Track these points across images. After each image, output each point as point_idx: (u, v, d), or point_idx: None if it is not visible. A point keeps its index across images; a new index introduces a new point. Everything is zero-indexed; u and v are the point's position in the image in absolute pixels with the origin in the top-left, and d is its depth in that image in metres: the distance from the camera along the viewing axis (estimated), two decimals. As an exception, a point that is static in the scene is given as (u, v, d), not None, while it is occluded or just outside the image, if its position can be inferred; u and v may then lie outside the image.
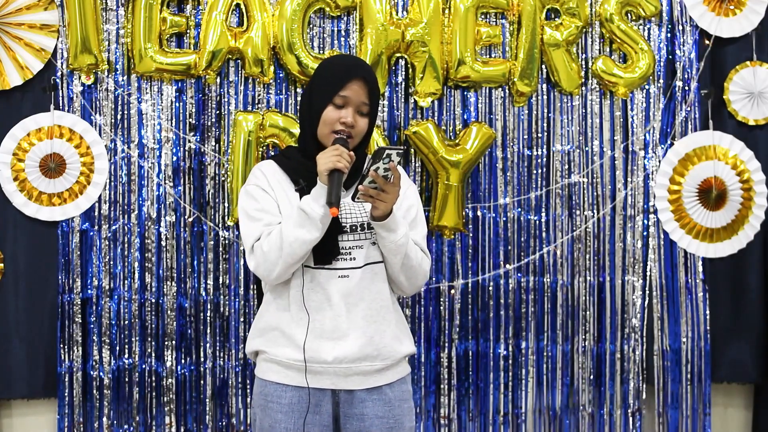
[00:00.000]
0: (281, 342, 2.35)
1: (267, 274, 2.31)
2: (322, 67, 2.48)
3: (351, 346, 2.32)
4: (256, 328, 2.44)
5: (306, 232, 2.25)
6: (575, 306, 3.31)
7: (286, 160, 2.46)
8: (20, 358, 3.09)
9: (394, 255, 2.34)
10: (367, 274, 2.35)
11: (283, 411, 2.33)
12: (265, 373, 2.39)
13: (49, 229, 3.09)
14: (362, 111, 2.38)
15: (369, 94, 2.38)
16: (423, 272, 2.42)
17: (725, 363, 3.42)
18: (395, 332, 2.40)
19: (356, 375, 2.34)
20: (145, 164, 3.11)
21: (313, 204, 2.25)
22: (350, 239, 2.35)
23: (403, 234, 2.32)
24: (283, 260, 2.27)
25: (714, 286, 3.40)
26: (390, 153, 2.16)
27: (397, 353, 2.39)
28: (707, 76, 3.38)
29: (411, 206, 2.44)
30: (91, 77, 3.08)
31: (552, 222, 3.30)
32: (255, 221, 2.35)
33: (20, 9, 3.04)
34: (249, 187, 2.42)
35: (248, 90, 3.14)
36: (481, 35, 3.21)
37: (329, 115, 2.36)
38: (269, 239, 2.29)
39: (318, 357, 2.31)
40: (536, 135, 3.28)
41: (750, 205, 3.38)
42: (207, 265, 3.13)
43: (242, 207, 2.41)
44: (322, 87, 2.39)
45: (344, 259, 2.34)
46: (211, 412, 3.15)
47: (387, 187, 2.23)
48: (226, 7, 3.07)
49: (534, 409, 3.31)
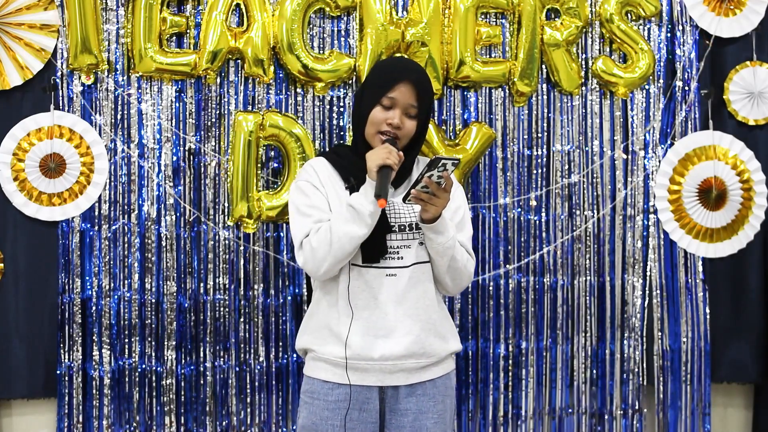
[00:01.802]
0: (329, 340, 2.38)
1: (315, 270, 2.34)
2: (374, 69, 2.55)
3: (397, 344, 2.35)
4: (306, 325, 2.47)
5: (356, 228, 2.28)
6: (575, 306, 3.31)
7: (337, 157, 2.49)
8: (20, 358, 3.09)
9: (441, 256, 2.37)
10: (415, 273, 2.38)
11: (329, 408, 2.36)
12: (312, 371, 2.42)
13: (49, 229, 3.09)
14: (410, 113, 2.41)
15: (418, 97, 2.41)
16: (468, 273, 2.46)
17: (725, 363, 3.42)
18: (441, 330, 2.43)
19: (401, 372, 2.37)
20: (145, 164, 3.11)
21: (362, 200, 2.28)
22: (398, 239, 2.38)
23: (451, 237, 2.36)
24: (332, 256, 2.30)
25: (714, 286, 3.40)
26: (446, 163, 2.22)
27: (442, 351, 2.43)
28: (707, 76, 3.38)
29: (458, 208, 2.48)
30: (91, 77, 3.08)
31: (552, 222, 3.30)
32: (305, 217, 2.39)
33: (20, 9, 3.04)
34: (300, 183, 2.45)
35: (248, 90, 3.14)
36: (481, 35, 3.21)
37: (376, 115, 2.40)
38: (318, 235, 2.32)
39: (365, 354, 2.34)
40: (536, 135, 3.28)
41: (750, 205, 3.38)
42: (207, 265, 3.13)
43: (293, 202, 2.44)
44: (372, 88, 2.43)
45: (392, 258, 2.37)
46: (211, 412, 3.15)
47: (439, 192, 2.27)
48: (226, 7, 3.07)
49: (534, 409, 3.31)
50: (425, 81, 2.46)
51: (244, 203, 3.08)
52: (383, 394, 2.39)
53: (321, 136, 3.17)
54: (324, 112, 3.17)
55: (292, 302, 3.16)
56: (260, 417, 3.17)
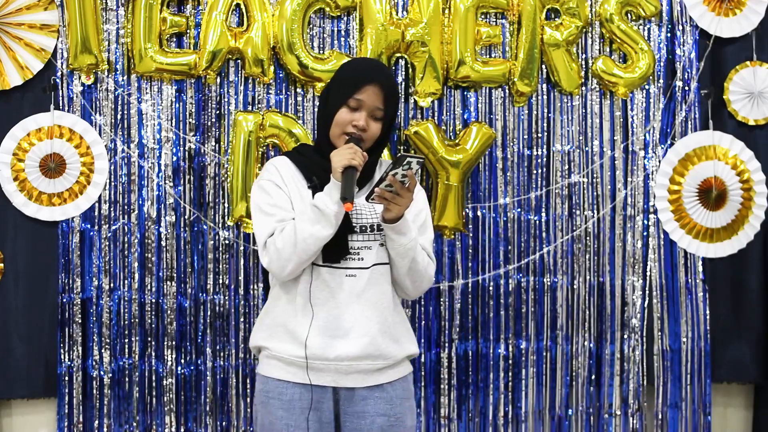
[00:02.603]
0: (285, 338, 2.36)
1: (280, 271, 2.33)
2: (341, 69, 2.51)
3: (353, 345, 2.33)
4: (262, 323, 2.45)
5: (320, 229, 2.27)
6: (575, 306, 3.31)
7: (300, 156, 2.48)
8: (20, 358, 3.09)
9: (402, 258, 2.36)
10: (374, 274, 2.37)
11: (284, 407, 2.34)
12: (267, 369, 2.40)
13: (49, 229, 3.09)
14: (376, 116, 2.40)
15: (384, 99, 2.40)
16: (428, 277, 2.45)
17: (725, 363, 3.42)
18: (397, 333, 2.42)
19: (357, 373, 2.35)
20: (145, 164, 3.11)
21: (327, 200, 2.27)
22: (360, 239, 2.37)
23: (413, 238, 2.35)
24: (297, 256, 2.29)
25: (714, 286, 3.40)
26: (411, 161, 2.21)
27: (398, 354, 2.41)
28: (707, 76, 3.37)
29: (420, 211, 2.46)
30: (91, 77, 3.08)
31: (552, 222, 3.30)
32: (268, 216, 2.37)
33: (20, 9, 3.04)
34: (262, 182, 2.43)
35: (248, 90, 3.14)
36: (481, 35, 3.21)
37: (342, 116, 2.39)
38: (282, 236, 2.31)
39: (320, 354, 2.32)
40: (536, 135, 3.28)
41: (750, 205, 3.38)
42: (207, 265, 3.13)
43: (255, 201, 2.42)
44: (339, 88, 2.42)
45: (352, 258, 2.36)
46: (211, 412, 3.15)
47: (403, 192, 2.26)
48: (226, 7, 3.07)
49: (534, 409, 3.31)
50: (393, 84, 2.46)
51: (244, 203, 3.08)
52: (337, 395, 2.37)
53: (321, 136, 3.17)
54: (324, 112, 3.17)
55: (292, 302, 3.16)
56: (260, 417, 3.17)
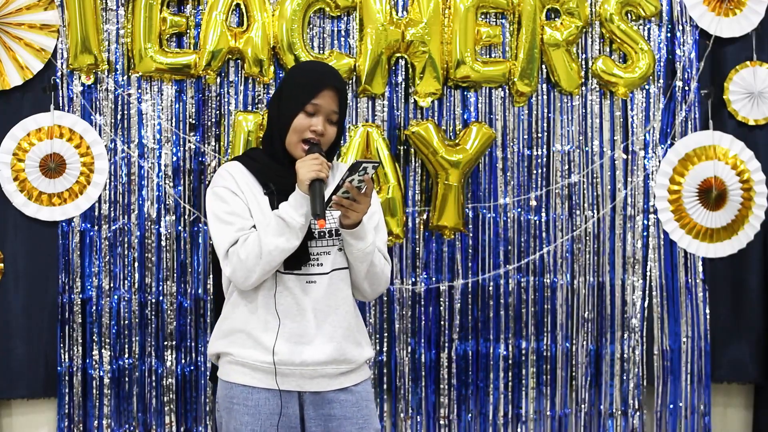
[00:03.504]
0: (248, 344, 2.32)
1: (243, 281, 2.28)
2: (294, 74, 2.47)
3: (318, 351, 2.31)
4: (219, 330, 2.40)
5: (285, 241, 2.23)
6: (575, 306, 3.31)
7: (252, 162, 2.40)
8: (20, 358, 3.09)
9: (360, 262, 2.34)
10: (334, 280, 2.34)
11: (249, 413, 2.31)
12: (229, 375, 2.35)
13: (49, 229, 3.09)
14: (332, 119, 2.36)
15: (339, 102, 2.37)
16: (385, 278, 2.43)
17: (725, 363, 3.42)
18: (358, 337, 2.40)
19: (322, 377, 2.33)
20: (145, 164, 3.11)
21: (292, 212, 2.23)
22: (319, 245, 2.33)
23: (371, 242, 2.33)
24: (261, 268, 2.25)
25: (714, 286, 3.40)
26: (366, 167, 2.18)
27: (360, 357, 2.39)
28: (707, 76, 3.38)
29: (374, 213, 2.42)
30: (91, 77, 3.08)
31: (552, 222, 3.30)
32: (227, 225, 2.31)
33: (20, 9, 3.04)
34: (217, 189, 2.36)
35: (248, 90, 3.14)
36: (481, 35, 3.21)
37: (300, 122, 2.33)
38: (246, 246, 2.26)
39: (285, 360, 2.29)
40: (536, 135, 3.28)
41: (750, 205, 3.38)
42: (207, 265, 3.13)
43: (212, 210, 2.35)
44: (294, 94, 2.36)
45: (312, 264, 2.32)
46: (211, 412, 3.15)
47: (360, 198, 2.23)
48: (226, 7, 3.07)
49: (534, 409, 3.31)
50: (344, 86, 2.44)
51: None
52: (302, 400, 2.34)
53: (321, 136, 3.17)
54: (324, 112, 3.17)
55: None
56: (260, 417, 3.17)
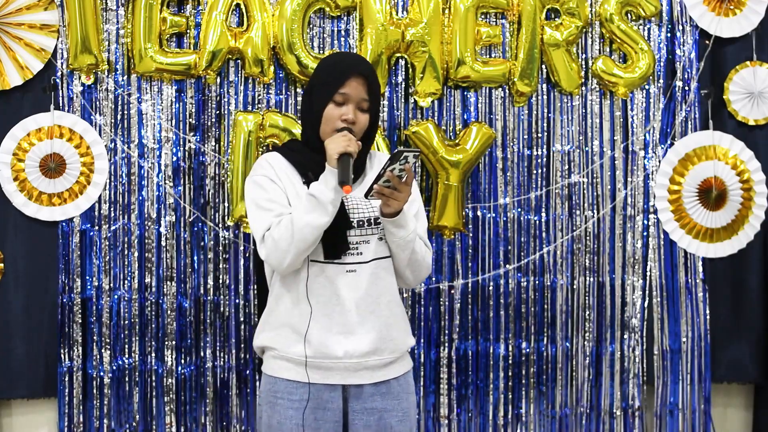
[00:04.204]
0: (292, 338, 2.35)
1: (278, 263, 2.31)
2: (320, 67, 2.49)
3: (361, 341, 2.34)
4: (265, 322, 2.44)
5: (317, 217, 2.26)
6: (575, 306, 3.31)
7: (291, 152, 2.47)
8: (20, 358, 3.09)
9: (402, 250, 2.37)
10: (375, 269, 2.37)
11: (294, 407, 2.34)
12: (273, 369, 2.39)
13: (49, 229, 3.09)
14: (362, 107, 2.40)
15: (368, 90, 2.40)
16: (426, 265, 2.46)
17: (725, 363, 3.42)
18: (402, 325, 2.43)
19: (365, 369, 2.36)
20: (145, 164, 3.11)
21: (322, 188, 2.27)
22: (357, 234, 2.37)
23: (412, 230, 2.36)
24: (295, 246, 2.27)
25: (714, 286, 3.40)
26: (407, 155, 2.21)
27: (403, 346, 2.43)
28: (707, 76, 3.37)
29: (414, 200, 2.46)
30: (91, 77, 3.08)
31: (552, 222, 3.30)
32: (265, 211, 2.35)
33: (20, 9, 3.04)
34: (257, 177, 2.41)
35: (248, 90, 3.14)
36: (481, 35, 3.21)
37: (330, 112, 2.38)
38: (279, 228, 2.29)
39: (328, 352, 2.32)
40: (536, 135, 3.28)
41: (750, 205, 3.38)
42: (207, 265, 3.13)
43: (251, 197, 2.40)
44: (321, 86, 2.41)
45: (351, 254, 2.36)
46: (211, 412, 3.15)
47: (401, 186, 2.27)
48: (226, 7, 3.07)
49: (534, 409, 3.31)
50: (374, 73, 2.46)
51: (244, 203, 3.08)
52: (346, 393, 2.37)
53: (321, 136, 3.17)
54: (324, 112, 3.17)
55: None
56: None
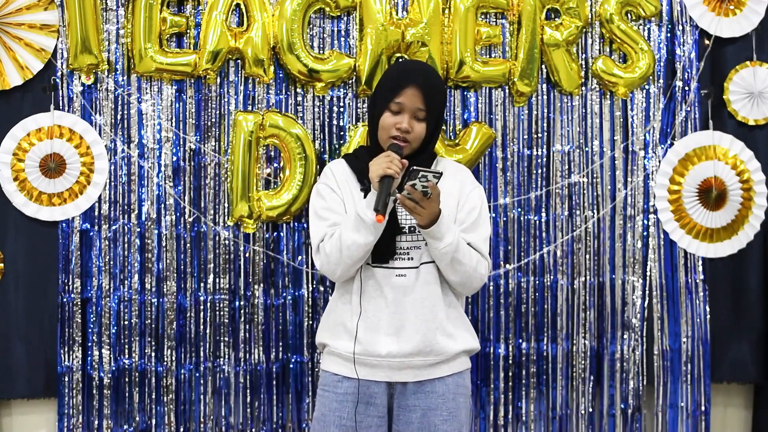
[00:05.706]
0: (342, 336, 2.46)
1: (330, 274, 2.45)
2: (384, 74, 2.60)
3: (403, 343, 2.41)
4: (325, 321, 2.56)
5: (361, 237, 2.35)
6: (575, 306, 3.31)
7: (354, 159, 2.55)
8: (20, 358, 3.09)
9: (440, 260, 2.42)
10: (423, 273, 2.44)
11: (338, 400, 2.44)
12: (327, 364, 2.51)
13: (49, 229, 3.09)
14: (418, 116, 2.46)
15: (425, 99, 2.45)
16: (478, 275, 2.47)
17: (725, 363, 3.42)
18: (449, 329, 2.46)
19: (409, 368, 2.43)
20: (145, 164, 3.11)
21: (366, 210, 2.34)
22: (408, 240, 2.44)
23: (449, 243, 2.38)
24: (343, 262, 2.38)
25: (714, 286, 3.40)
26: (426, 174, 2.26)
27: (450, 350, 2.46)
28: (707, 76, 3.37)
29: (473, 209, 2.51)
30: (91, 77, 3.08)
31: (552, 222, 3.30)
32: (322, 220, 2.47)
33: (20, 9, 3.04)
34: (319, 186, 2.54)
35: (248, 90, 3.14)
36: (481, 35, 3.21)
37: (386, 120, 2.46)
38: (331, 241, 2.40)
39: (373, 351, 2.42)
40: (536, 135, 3.28)
41: (750, 205, 3.38)
42: (207, 265, 3.13)
43: (312, 205, 2.54)
44: (380, 94, 2.49)
45: (401, 258, 2.43)
46: (211, 412, 3.15)
47: (424, 202, 2.31)
48: (226, 7, 3.07)
49: (534, 409, 3.30)
50: (432, 83, 2.50)
51: (244, 203, 3.08)
52: (392, 390, 2.46)
53: (321, 136, 3.17)
54: (324, 112, 3.17)
55: (291, 302, 3.16)
56: (260, 417, 3.17)
